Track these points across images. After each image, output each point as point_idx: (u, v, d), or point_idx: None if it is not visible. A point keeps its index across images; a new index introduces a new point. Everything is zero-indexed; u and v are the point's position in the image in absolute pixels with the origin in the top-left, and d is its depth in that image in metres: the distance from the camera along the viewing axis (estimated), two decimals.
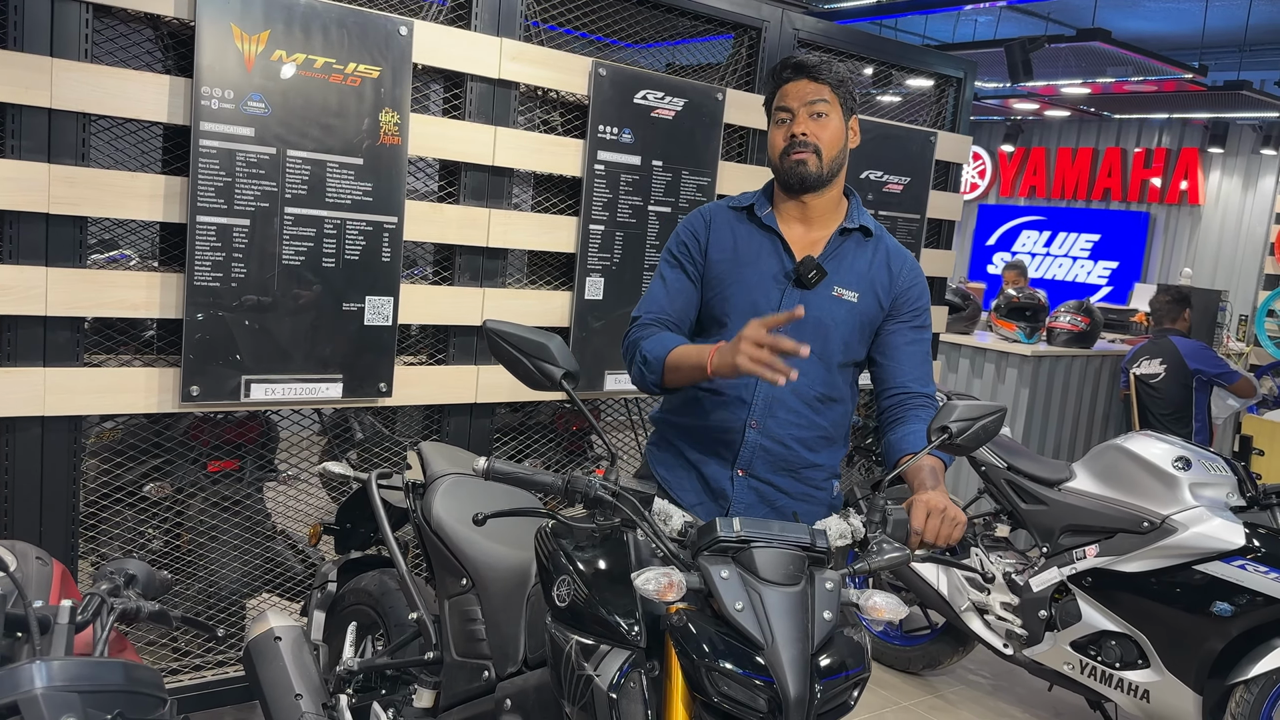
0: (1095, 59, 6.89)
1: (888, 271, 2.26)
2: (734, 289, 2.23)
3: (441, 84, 3.25)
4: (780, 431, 2.21)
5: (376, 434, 3.63)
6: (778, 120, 2.21)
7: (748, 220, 2.29)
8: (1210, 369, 5.68)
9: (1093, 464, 3.78)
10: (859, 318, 2.22)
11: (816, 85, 2.17)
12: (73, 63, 2.53)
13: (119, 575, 1.42)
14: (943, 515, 1.89)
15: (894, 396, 2.24)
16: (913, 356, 2.26)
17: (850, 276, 2.23)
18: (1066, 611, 3.61)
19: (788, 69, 2.20)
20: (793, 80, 2.19)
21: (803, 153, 2.16)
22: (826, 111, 2.17)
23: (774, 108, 2.23)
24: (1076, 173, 11.72)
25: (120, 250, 3.20)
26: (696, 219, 2.33)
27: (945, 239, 4.87)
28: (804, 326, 2.15)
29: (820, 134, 2.16)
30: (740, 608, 1.57)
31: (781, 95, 2.21)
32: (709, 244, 2.29)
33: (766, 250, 2.25)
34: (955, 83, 4.73)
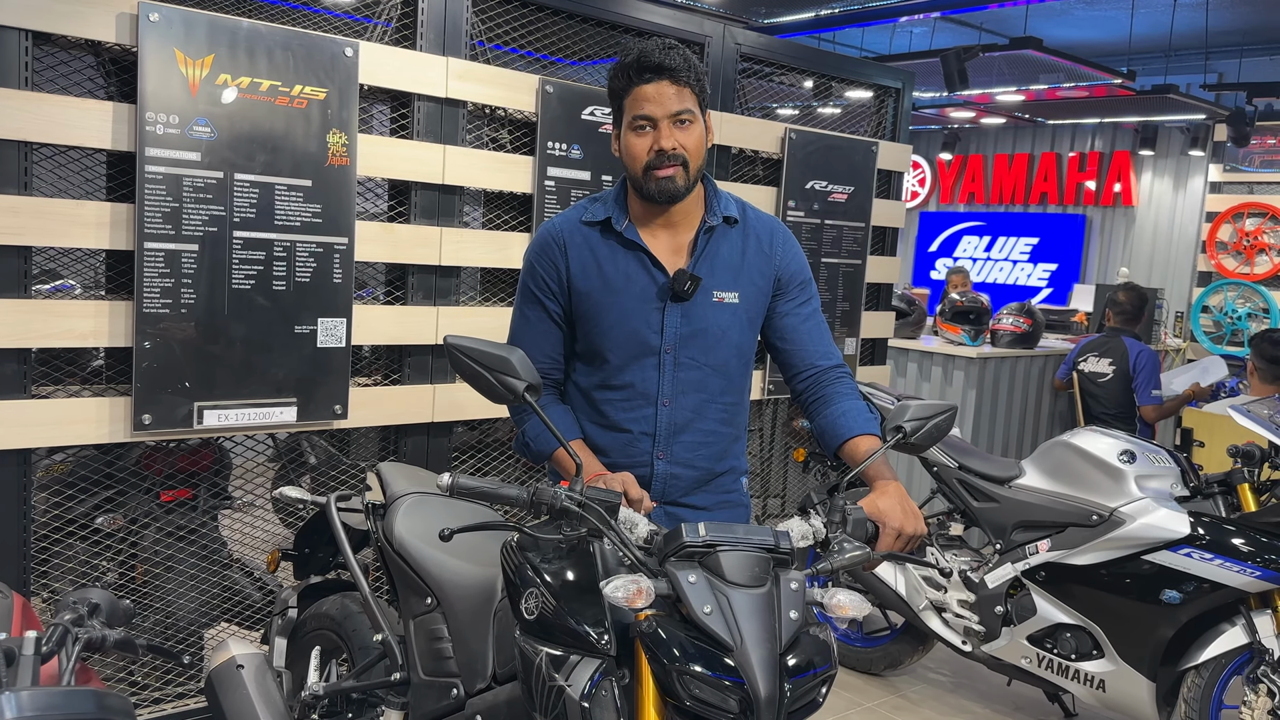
0: (1028, 66, 7.07)
1: (762, 254, 2.18)
2: (609, 319, 2.11)
3: (389, 104, 3.26)
4: (688, 455, 2.17)
5: (330, 458, 3.60)
6: (636, 127, 2.01)
7: (605, 236, 2.13)
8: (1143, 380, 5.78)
9: (1041, 460, 3.87)
10: (745, 317, 2.16)
11: (679, 89, 1.98)
12: (12, 91, 2.49)
13: (82, 605, 1.40)
14: (910, 539, 1.91)
15: (808, 378, 2.19)
16: (812, 333, 2.21)
17: (726, 276, 2.13)
18: (1022, 606, 3.69)
19: (648, 69, 1.97)
20: (653, 82, 1.97)
21: (671, 168, 2.01)
22: (691, 119, 2.01)
23: (630, 112, 2.01)
24: (1014, 178, 12.00)
25: (63, 280, 3.16)
26: (549, 245, 2.15)
27: (890, 246, 4.97)
28: (692, 341, 2.12)
29: (687, 143, 2.01)
30: (709, 611, 1.59)
31: (639, 99, 1.99)
32: (570, 274, 2.13)
33: (635, 269, 2.11)
34: (894, 93, 4.84)
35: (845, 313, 4.68)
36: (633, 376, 2.14)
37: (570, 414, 2.18)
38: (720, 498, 2.26)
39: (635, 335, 2.11)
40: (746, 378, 2.28)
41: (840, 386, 2.19)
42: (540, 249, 2.17)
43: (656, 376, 2.14)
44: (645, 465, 2.15)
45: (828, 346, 2.25)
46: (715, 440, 2.20)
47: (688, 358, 2.14)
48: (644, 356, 2.14)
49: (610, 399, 2.17)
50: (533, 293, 2.17)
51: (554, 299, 2.16)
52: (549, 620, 1.73)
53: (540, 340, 2.17)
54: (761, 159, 4.36)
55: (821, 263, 4.51)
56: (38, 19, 2.50)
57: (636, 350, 2.13)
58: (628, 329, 2.11)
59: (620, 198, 2.17)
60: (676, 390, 2.15)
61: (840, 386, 2.19)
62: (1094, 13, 7.55)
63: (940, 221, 12.74)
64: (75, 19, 2.55)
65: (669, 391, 2.15)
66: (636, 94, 2.00)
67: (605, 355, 2.14)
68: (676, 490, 2.19)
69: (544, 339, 2.17)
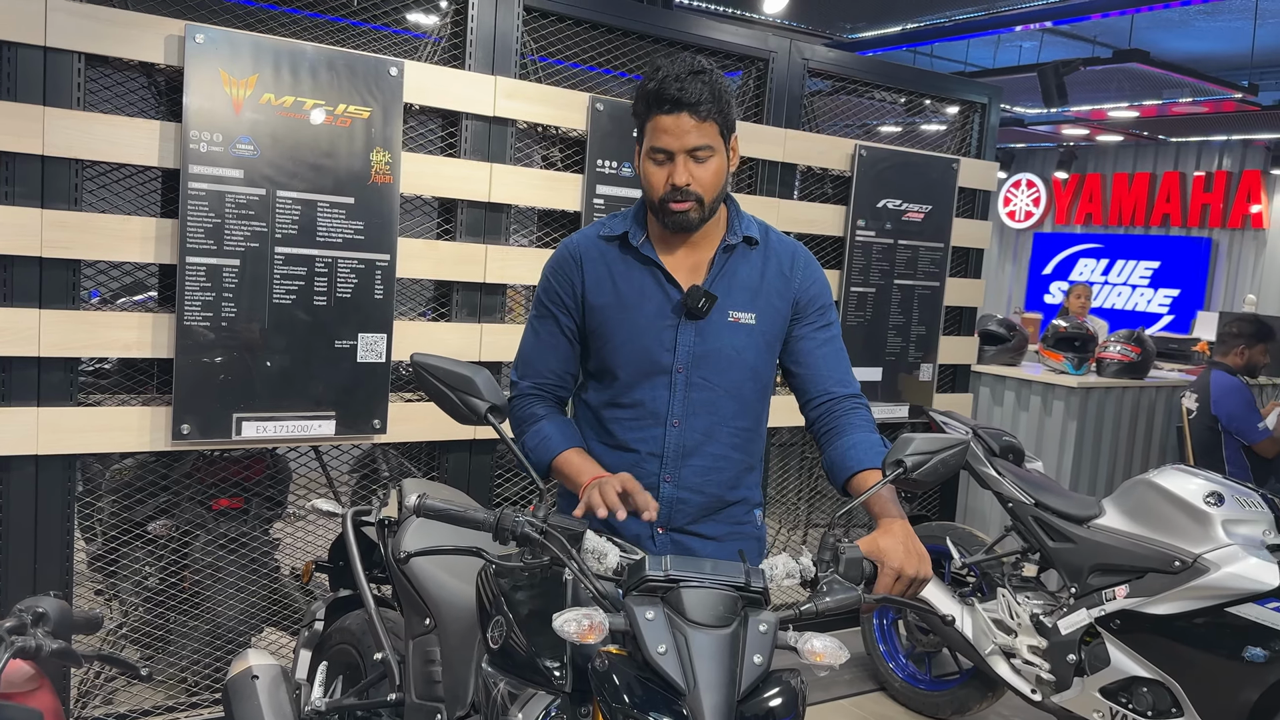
0: (1142, 81, 6.71)
1: (781, 277, 2.10)
2: (621, 335, 2.06)
3: (439, 122, 3.28)
4: (696, 480, 2.08)
5: (403, 472, 3.64)
6: (653, 157, 1.96)
7: (622, 252, 2.08)
8: (1233, 417, 5.31)
9: (1122, 500, 3.61)
10: (761, 339, 2.09)
11: (699, 124, 1.91)
12: (65, 110, 2.60)
13: (27, 613, 1.42)
14: (911, 582, 1.79)
15: (821, 405, 2.10)
16: (829, 358, 2.12)
17: (742, 296, 2.07)
18: (1096, 656, 3.44)
19: (666, 101, 1.90)
20: (672, 115, 1.91)
21: (684, 203, 1.95)
22: (708, 155, 1.94)
23: (648, 141, 1.96)
24: (1134, 198, 11.38)
25: (152, 293, 3.29)
26: (566, 260, 2.11)
27: (974, 268, 4.76)
28: (706, 360, 2.05)
29: (703, 178, 1.95)
30: (663, 651, 1.50)
31: (657, 129, 1.93)
32: (585, 289, 2.09)
33: (649, 285, 2.06)
34: (979, 108, 4.64)
35: (921, 337, 4.49)
36: (643, 395, 2.07)
37: (572, 425, 2.13)
38: (731, 528, 2.16)
39: (647, 352, 2.05)
40: (762, 404, 2.18)
41: (853, 418, 2.07)
42: (556, 264, 2.13)
43: (667, 396, 2.07)
44: (652, 488, 2.06)
45: (844, 374, 2.14)
46: (726, 466, 2.11)
47: (700, 378, 2.06)
48: (655, 375, 2.07)
49: (618, 417, 2.10)
50: (546, 307, 2.13)
51: (567, 314, 2.12)
52: (511, 651, 1.67)
53: (548, 354, 2.13)
54: (831, 177, 4.23)
55: (894, 284, 4.35)
56: (90, 42, 2.61)
57: (648, 368, 2.07)
58: (639, 345, 2.06)
59: (640, 214, 2.12)
60: (687, 411, 2.07)
61: (853, 418, 2.07)
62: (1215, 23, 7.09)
63: (1055, 243, 12.20)
64: (125, 41, 2.65)
65: (679, 412, 2.07)
66: (655, 123, 1.95)
67: (615, 372, 2.09)
68: (683, 516, 2.10)
69: (552, 353, 2.13)
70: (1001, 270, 13.89)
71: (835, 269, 4.19)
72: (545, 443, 2.04)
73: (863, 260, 4.24)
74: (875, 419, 2.14)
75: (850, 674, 4.23)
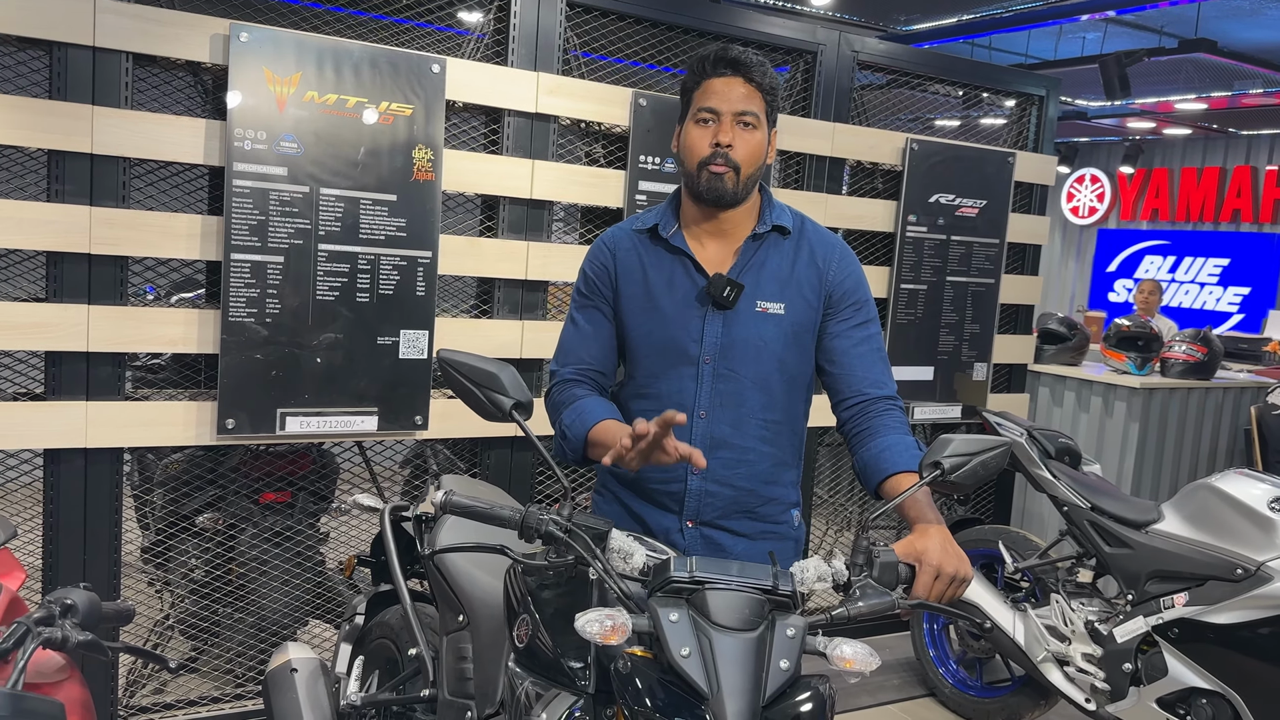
0: (1210, 72, 6.49)
1: (814, 268, 2.06)
2: (649, 324, 2.05)
3: (482, 119, 3.28)
4: (724, 473, 2.04)
5: (450, 467, 3.66)
6: (700, 119, 1.97)
7: (653, 243, 2.08)
8: None
9: (1183, 505, 3.49)
10: (790, 330, 2.04)
11: (749, 90, 1.95)
12: (112, 110, 2.65)
13: (56, 604, 1.43)
14: (950, 581, 1.74)
15: (853, 406, 2.05)
16: (863, 357, 2.06)
17: (771, 286, 2.03)
18: (1153, 665, 3.33)
19: (723, 63, 1.96)
20: (725, 77, 1.95)
21: (722, 167, 1.95)
22: (754, 123, 1.96)
23: (697, 104, 1.98)
24: (1202, 193, 11.02)
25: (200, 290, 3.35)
26: (601, 251, 2.13)
27: (1031, 264, 4.64)
28: (732, 351, 2.01)
29: (742, 149, 1.95)
30: (686, 654, 1.47)
31: (707, 91, 1.96)
32: (618, 277, 2.09)
33: (678, 275, 2.05)
34: (1037, 101, 4.52)
35: (975, 336, 4.39)
36: (669, 386, 2.05)
37: (609, 403, 2.06)
38: (765, 527, 2.11)
39: (673, 342, 2.03)
40: (793, 397, 2.12)
41: (887, 419, 2.01)
42: (593, 256, 2.14)
43: (694, 387, 2.04)
44: (679, 480, 2.05)
45: (879, 375, 2.08)
46: (755, 459, 2.06)
47: (727, 368, 2.03)
48: (681, 365, 2.04)
49: (645, 409, 2.06)
50: (584, 297, 2.13)
51: (605, 303, 2.10)
52: (536, 650, 1.65)
53: (589, 343, 2.11)
54: (881, 171, 4.15)
55: (947, 281, 4.25)
56: (137, 41, 2.65)
57: (674, 358, 2.04)
58: (666, 335, 2.04)
59: (673, 206, 2.11)
60: (714, 402, 2.04)
61: (887, 419, 2.01)
62: None
63: (1120, 239, 11.87)
64: (172, 41, 2.69)
65: (706, 403, 2.03)
66: (706, 87, 1.98)
67: (642, 362, 2.08)
68: (712, 510, 2.06)
69: (593, 341, 2.11)
70: (1064, 267, 13.56)
71: (885, 265, 4.11)
72: (581, 417, 1.99)
73: (914, 256, 4.16)
74: (926, 419, 2.08)
75: (899, 679, 4.15)
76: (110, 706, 2.91)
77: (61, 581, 2.76)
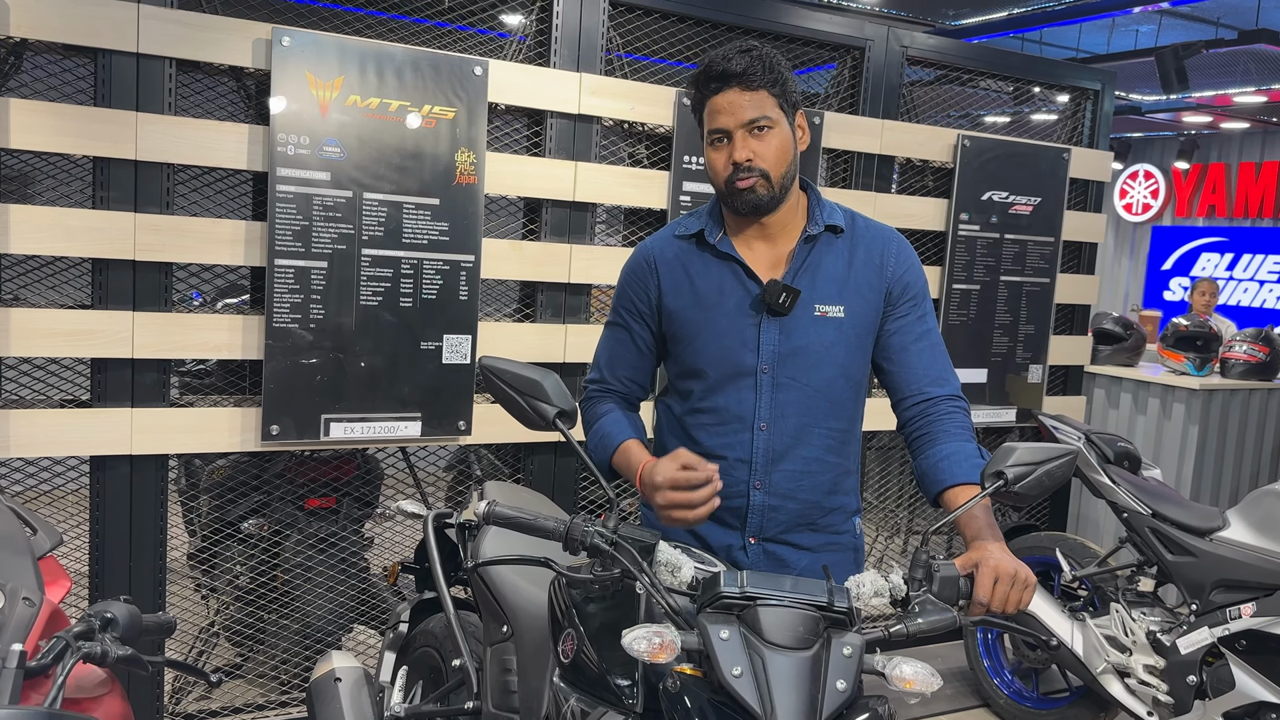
0: (1271, 64, 6.28)
1: (871, 265, 1.98)
2: (703, 337, 1.96)
3: (524, 121, 3.24)
4: (789, 485, 1.96)
5: (495, 472, 3.63)
6: (712, 141, 1.90)
7: (699, 250, 1.99)
8: None
9: (1249, 511, 3.36)
10: (852, 333, 1.96)
11: (751, 95, 1.84)
12: (156, 116, 2.65)
13: (96, 618, 1.41)
14: (1013, 580, 1.65)
15: (915, 406, 1.97)
16: (923, 354, 1.98)
17: (830, 288, 1.95)
18: (1219, 678, 3.20)
19: (714, 79, 1.85)
20: (723, 91, 1.85)
21: (748, 179, 1.86)
22: (769, 124, 1.86)
23: (706, 127, 1.90)
24: (1261, 189, 10.70)
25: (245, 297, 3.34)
26: (640, 266, 2.04)
27: (1087, 263, 4.51)
28: (792, 359, 1.93)
29: (765, 153, 1.86)
30: (738, 673, 1.41)
31: (711, 112, 1.88)
32: (661, 293, 2.01)
33: (729, 282, 1.96)
34: (1092, 95, 4.39)
35: (1030, 337, 4.28)
36: (727, 398, 1.97)
37: (634, 419, 2.04)
38: (827, 539, 2.04)
39: (730, 353, 1.95)
40: (856, 403, 2.05)
41: (949, 424, 1.93)
42: (631, 270, 2.06)
43: (753, 398, 1.96)
44: (740, 496, 1.97)
45: (941, 371, 2.00)
46: (820, 470, 1.99)
47: (787, 377, 1.95)
48: (739, 377, 1.96)
49: (703, 423, 2.00)
50: (619, 313, 2.08)
51: (640, 321, 2.04)
52: (581, 666, 1.60)
53: (617, 362, 2.09)
54: (931, 169, 4.06)
55: (1000, 281, 4.14)
56: (180, 47, 2.65)
57: (731, 370, 1.96)
58: (722, 347, 1.96)
59: (715, 210, 2.03)
60: (775, 413, 1.96)
61: (949, 424, 1.93)
62: None
63: (1176, 237, 11.58)
64: (214, 46, 2.68)
65: (767, 415, 1.96)
66: (709, 107, 1.89)
67: (697, 375, 2.00)
68: (775, 525, 1.99)
69: (621, 361, 2.09)
70: (1118, 265, 13.27)
71: (936, 265, 4.02)
72: (603, 441, 1.98)
73: (966, 256, 4.06)
74: (980, 423, 2.00)
75: (952, 689, 4.05)
76: (156, 715, 2.91)
77: (107, 589, 2.76)
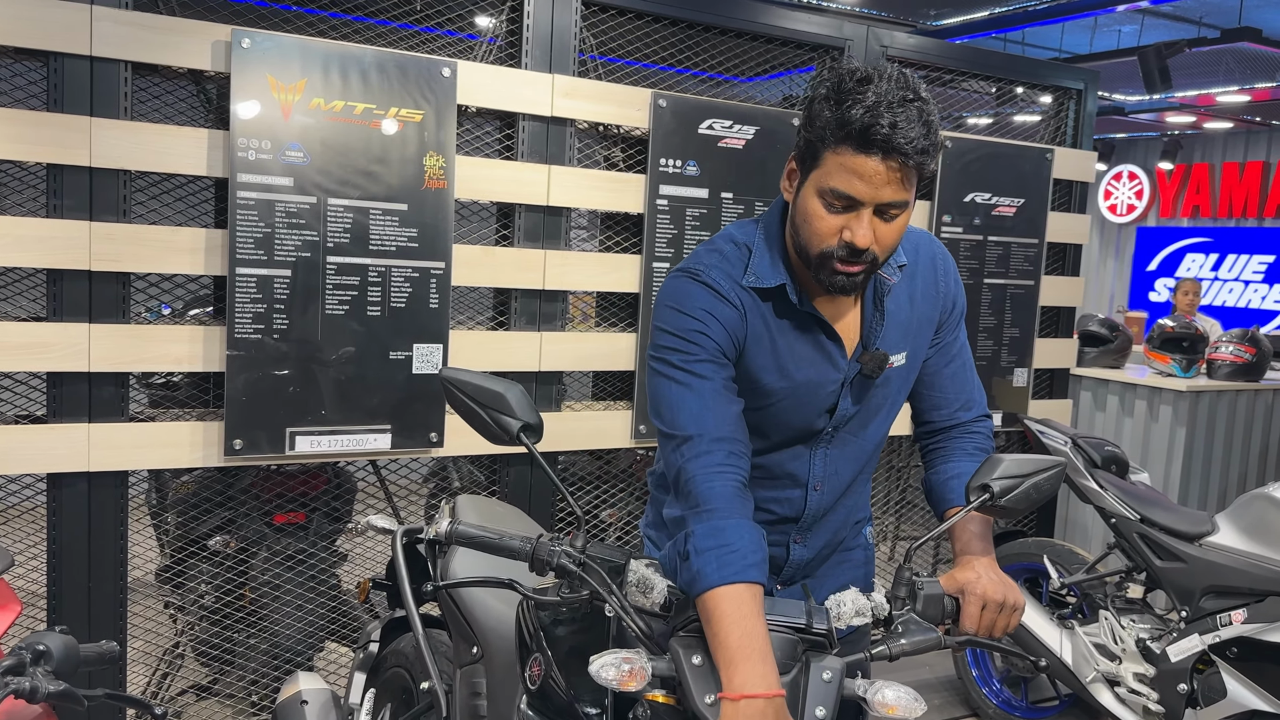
0: (1254, 63, 6.26)
1: (930, 299, 1.80)
2: (780, 405, 1.72)
3: (496, 124, 3.17)
4: (827, 536, 1.86)
5: (475, 483, 3.54)
6: (829, 202, 1.53)
7: (775, 302, 1.69)
8: None
9: (1239, 516, 3.31)
10: (908, 375, 1.83)
11: (903, 174, 1.48)
12: (111, 121, 2.56)
13: (27, 651, 1.33)
14: (1000, 607, 1.58)
15: (939, 430, 1.88)
16: (956, 376, 1.86)
17: (895, 335, 1.75)
18: (1210, 686, 3.14)
19: (875, 144, 1.46)
20: (873, 156, 1.47)
21: (856, 266, 1.56)
22: (899, 214, 1.54)
23: (827, 179, 1.52)
24: (1245, 189, 10.71)
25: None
26: (724, 306, 1.65)
27: (1071, 265, 4.46)
28: (858, 418, 1.78)
29: (887, 241, 1.55)
30: (711, 701, 1.34)
31: (846, 169, 1.49)
32: (747, 339, 1.68)
33: (809, 347, 1.71)
34: (1075, 95, 4.34)
35: (1015, 340, 4.22)
36: (782, 458, 1.80)
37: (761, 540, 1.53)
38: (841, 555, 1.94)
39: (805, 419, 1.75)
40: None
41: (966, 442, 1.84)
42: (712, 305, 1.65)
43: (808, 455, 1.80)
44: (780, 547, 1.84)
45: (970, 393, 1.88)
46: (855, 508, 1.91)
47: (847, 434, 1.81)
48: (805, 440, 1.80)
49: (752, 476, 1.73)
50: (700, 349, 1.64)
51: (730, 362, 1.69)
52: (549, 693, 1.52)
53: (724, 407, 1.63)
54: None
55: (984, 284, 4.08)
56: (136, 50, 2.56)
57: (799, 436, 1.79)
58: (799, 412, 1.73)
59: (779, 252, 1.69)
60: (829, 471, 1.82)
61: (966, 442, 1.84)
62: None
63: (1160, 237, 11.59)
64: (171, 48, 2.59)
65: (820, 474, 1.81)
66: (845, 161, 1.50)
67: (760, 435, 1.75)
68: (809, 570, 1.90)
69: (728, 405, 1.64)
70: (1103, 267, 13.27)
71: None
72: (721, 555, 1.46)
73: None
74: None
75: (940, 698, 3.99)
76: None
77: (65, 611, 2.67)
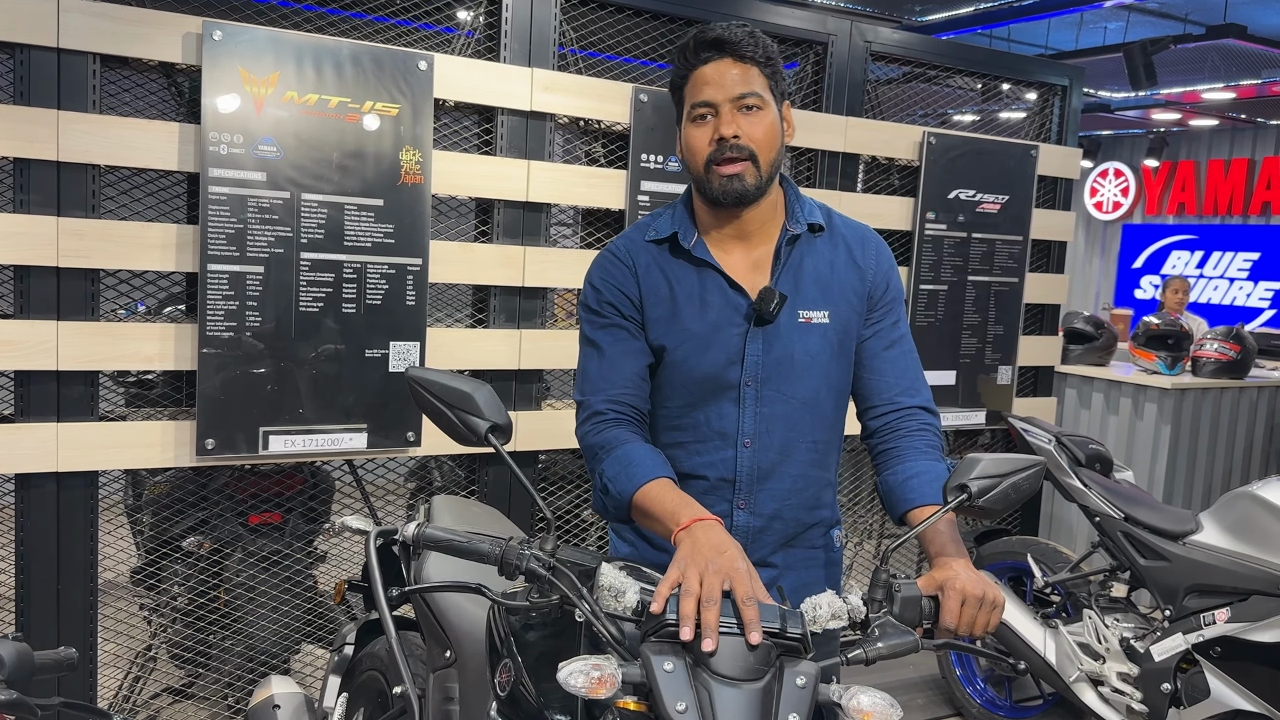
0: (1239, 60, 6.26)
1: (853, 267, 1.86)
2: (682, 350, 1.81)
3: (474, 119, 3.12)
4: (775, 505, 1.84)
5: (455, 482, 3.50)
6: (695, 117, 1.74)
7: (673, 255, 1.83)
8: None
9: (1222, 514, 3.29)
10: (836, 339, 1.84)
11: (744, 68, 1.71)
12: (80, 114, 2.51)
13: None
14: (980, 602, 1.56)
15: (881, 415, 1.87)
16: (896, 361, 1.87)
17: (813, 292, 1.82)
18: (1193, 685, 3.13)
19: (705, 46, 1.71)
20: (713, 61, 1.71)
21: (736, 163, 1.71)
22: (759, 104, 1.71)
23: (689, 101, 1.75)
24: (1230, 186, 10.74)
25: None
26: (616, 265, 1.84)
27: (1056, 262, 4.44)
28: (776, 370, 1.81)
29: (754, 133, 1.71)
30: (682, 709, 1.30)
31: (697, 83, 1.73)
32: (644, 297, 1.82)
33: (708, 290, 1.81)
34: (1060, 91, 4.32)
35: (999, 337, 4.20)
36: (708, 414, 1.83)
37: (659, 453, 1.75)
38: (805, 554, 1.92)
39: (712, 367, 1.81)
40: (839, 413, 1.93)
41: (918, 440, 1.82)
42: (607, 271, 1.86)
43: (736, 413, 1.82)
44: (725, 516, 1.83)
45: (913, 380, 1.89)
46: (806, 486, 1.88)
47: (772, 390, 1.82)
48: (721, 391, 1.82)
49: (680, 441, 1.86)
50: (602, 317, 1.84)
51: (633, 321, 1.84)
52: (518, 699, 1.49)
53: (619, 368, 1.81)
54: (897, 167, 3.97)
55: (968, 281, 4.06)
56: (104, 42, 2.51)
57: (713, 385, 1.82)
58: (704, 361, 1.80)
59: (687, 209, 1.87)
60: (760, 429, 1.83)
61: (918, 440, 1.82)
62: None
63: (1146, 235, 11.61)
64: (141, 40, 2.54)
65: (751, 430, 1.82)
66: (695, 78, 1.74)
67: (676, 391, 1.83)
68: (762, 548, 1.86)
69: (624, 366, 1.81)
70: (1089, 264, 13.29)
71: (903, 265, 3.93)
72: (627, 470, 1.67)
73: (933, 255, 3.97)
74: (949, 426, 1.90)
75: (924, 698, 3.97)
76: None
77: (34, 613, 2.62)
